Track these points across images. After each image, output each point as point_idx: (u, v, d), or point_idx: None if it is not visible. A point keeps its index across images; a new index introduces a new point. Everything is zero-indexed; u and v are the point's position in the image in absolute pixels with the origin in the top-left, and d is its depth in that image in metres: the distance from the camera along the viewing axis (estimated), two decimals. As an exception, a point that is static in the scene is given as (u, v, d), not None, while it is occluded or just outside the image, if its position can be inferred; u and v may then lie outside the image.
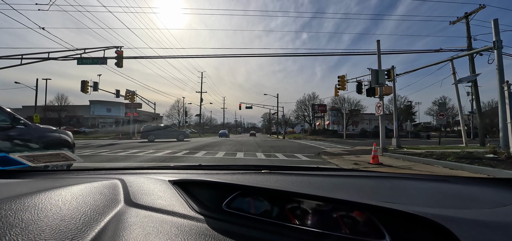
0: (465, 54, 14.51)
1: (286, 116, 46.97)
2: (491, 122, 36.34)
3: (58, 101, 43.98)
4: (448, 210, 0.57)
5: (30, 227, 0.45)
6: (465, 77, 14.27)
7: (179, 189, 0.79)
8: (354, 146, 16.08)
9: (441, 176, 1.06)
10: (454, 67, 15.54)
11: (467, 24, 15.67)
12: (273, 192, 0.67)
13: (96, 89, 21.69)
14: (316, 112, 48.80)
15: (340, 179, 1.04)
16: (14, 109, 4.10)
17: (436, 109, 52.82)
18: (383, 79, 11.98)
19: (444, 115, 14.95)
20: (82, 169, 1.22)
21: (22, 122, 3.96)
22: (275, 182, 0.90)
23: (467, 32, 15.63)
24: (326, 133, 40.84)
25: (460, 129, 18.31)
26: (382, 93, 12.15)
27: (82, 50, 15.56)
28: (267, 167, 1.22)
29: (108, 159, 8.79)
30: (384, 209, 0.54)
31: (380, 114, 11.69)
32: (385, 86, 12.20)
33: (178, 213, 0.63)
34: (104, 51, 15.61)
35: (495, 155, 7.17)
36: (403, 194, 0.85)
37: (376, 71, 11.82)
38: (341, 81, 16.84)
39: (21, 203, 0.52)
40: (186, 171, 1.27)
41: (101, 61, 15.53)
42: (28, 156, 1.07)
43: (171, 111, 59.51)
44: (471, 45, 15.43)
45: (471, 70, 15.01)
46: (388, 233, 0.52)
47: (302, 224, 0.59)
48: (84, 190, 0.66)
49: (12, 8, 15.58)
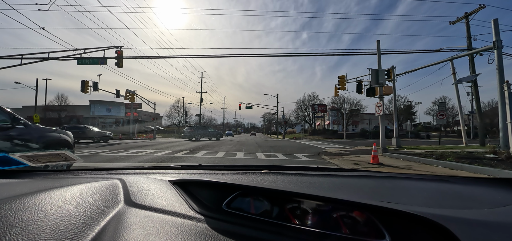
0: (465, 54, 14.51)
1: (286, 116, 46.98)
2: (491, 122, 36.32)
3: (58, 101, 44.00)
4: (448, 210, 0.57)
5: (30, 227, 0.45)
6: (465, 77, 14.26)
7: (179, 189, 0.79)
8: (354, 146, 16.08)
9: (441, 176, 1.07)
10: (454, 67, 15.55)
11: (467, 24, 15.68)
12: (273, 192, 0.67)
13: (96, 89, 21.70)
14: (316, 112, 48.81)
15: (340, 179, 1.04)
16: (14, 109, 4.09)
17: (436, 109, 52.81)
18: (383, 79, 11.96)
19: (444, 115, 14.95)
20: (82, 169, 1.22)
21: (22, 122, 3.96)
22: (275, 182, 0.90)
23: (467, 32, 15.64)
24: (326, 133, 40.85)
25: (460, 129, 18.31)
26: (382, 93, 12.12)
27: (82, 50, 15.55)
28: (267, 167, 1.22)
29: (108, 159, 8.79)
30: (384, 209, 0.54)
31: (380, 114, 11.66)
32: (385, 86, 12.16)
33: (178, 213, 0.63)
34: (104, 51, 15.61)
35: (495, 155, 7.17)
36: (403, 194, 0.85)
37: (376, 71, 11.81)
38: (341, 81, 16.84)
39: (21, 203, 0.52)
40: (186, 171, 1.27)
41: (101, 61, 15.53)
42: (28, 156, 1.07)
43: (171, 111, 59.46)
44: (471, 45, 15.43)
45: (471, 70, 15.02)
46: (388, 233, 0.52)
47: (302, 224, 0.59)
48: (84, 190, 0.66)
49: (12, 8, 15.63)
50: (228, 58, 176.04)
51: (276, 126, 48.98)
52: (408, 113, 49.59)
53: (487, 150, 8.22)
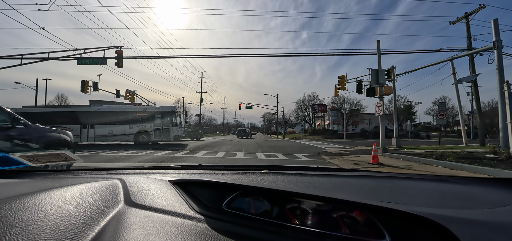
0: (465, 54, 14.50)
1: (286, 116, 46.96)
2: (491, 122, 36.31)
3: (58, 101, 44.00)
4: (448, 210, 0.57)
5: (30, 227, 0.45)
6: (465, 77, 14.26)
7: (179, 189, 0.79)
8: (354, 146, 16.08)
9: (441, 176, 1.07)
10: (454, 67, 15.56)
11: (467, 24, 15.67)
12: (273, 192, 0.67)
13: (96, 89, 21.65)
14: (316, 112, 48.76)
15: (340, 179, 1.04)
16: (13, 110, 4.12)
17: (436, 109, 52.73)
18: (383, 79, 11.94)
19: (444, 115, 14.94)
20: (82, 169, 1.22)
21: (22, 122, 3.98)
22: (275, 182, 0.90)
23: (467, 32, 15.63)
24: (326, 133, 40.81)
25: (460, 129, 18.31)
26: (382, 93, 12.08)
27: (82, 50, 15.50)
28: (267, 167, 1.22)
29: (108, 159, 8.79)
30: (384, 209, 0.54)
31: (380, 114, 11.64)
32: (385, 86, 12.13)
33: (178, 213, 0.63)
34: (104, 51, 15.55)
35: (495, 155, 7.17)
36: (403, 194, 0.85)
37: (376, 71, 11.79)
38: (341, 81, 16.79)
39: (21, 203, 0.52)
40: (186, 171, 1.27)
41: (101, 61, 15.48)
42: (28, 156, 1.06)
43: (171, 111, 59.22)
44: (471, 45, 15.43)
45: (471, 70, 15.02)
46: (388, 233, 0.52)
47: (302, 224, 0.59)
48: (84, 190, 0.66)
49: (12, 8, 15.58)
50: (228, 58, 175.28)
51: (276, 126, 48.96)
52: (408, 113, 49.57)
53: (487, 150, 8.21)
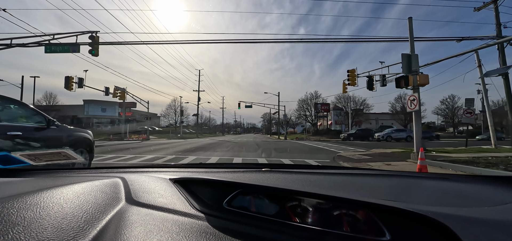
0: (495, 42, 12.39)
1: (287, 115, 45.00)
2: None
3: (46, 100, 42.06)
4: (448, 208, 0.56)
5: (33, 225, 0.45)
6: (495, 69, 12.35)
7: (180, 187, 0.79)
8: (368, 148, 14.23)
9: (442, 174, 1.03)
10: (479, 59, 13.69)
11: (496, 9, 13.54)
12: (273, 190, 0.67)
13: (81, 86, 19.56)
14: (319, 111, 46.95)
15: (340, 177, 1.02)
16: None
17: (444, 108, 51.64)
18: (417, 66, 9.47)
19: (472, 112, 13.11)
20: (83, 168, 1.24)
21: (56, 123, 4.29)
22: (276, 180, 0.87)
23: (496, 18, 13.45)
24: (330, 133, 39.19)
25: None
26: (417, 82, 9.38)
27: (50, 36, 13.15)
28: (267, 166, 1.19)
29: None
30: (385, 207, 0.54)
31: (415, 109, 9.05)
32: (419, 75, 9.47)
33: (179, 211, 0.63)
34: (76, 36, 13.17)
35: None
36: (403, 192, 0.83)
37: (408, 56, 9.36)
38: (351, 76, 14.71)
39: (24, 201, 0.52)
40: (187, 169, 1.25)
41: (73, 48, 12.96)
42: (30, 155, 1.08)
43: (167, 111, 58.19)
44: (501, 32, 13.47)
45: (501, 62, 13.17)
46: (389, 231, 0.52)
47: (303, 222, 0.59)
48: (86, 189, 0.66)
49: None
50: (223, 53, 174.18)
51: (276, 126, 47.17)
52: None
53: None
